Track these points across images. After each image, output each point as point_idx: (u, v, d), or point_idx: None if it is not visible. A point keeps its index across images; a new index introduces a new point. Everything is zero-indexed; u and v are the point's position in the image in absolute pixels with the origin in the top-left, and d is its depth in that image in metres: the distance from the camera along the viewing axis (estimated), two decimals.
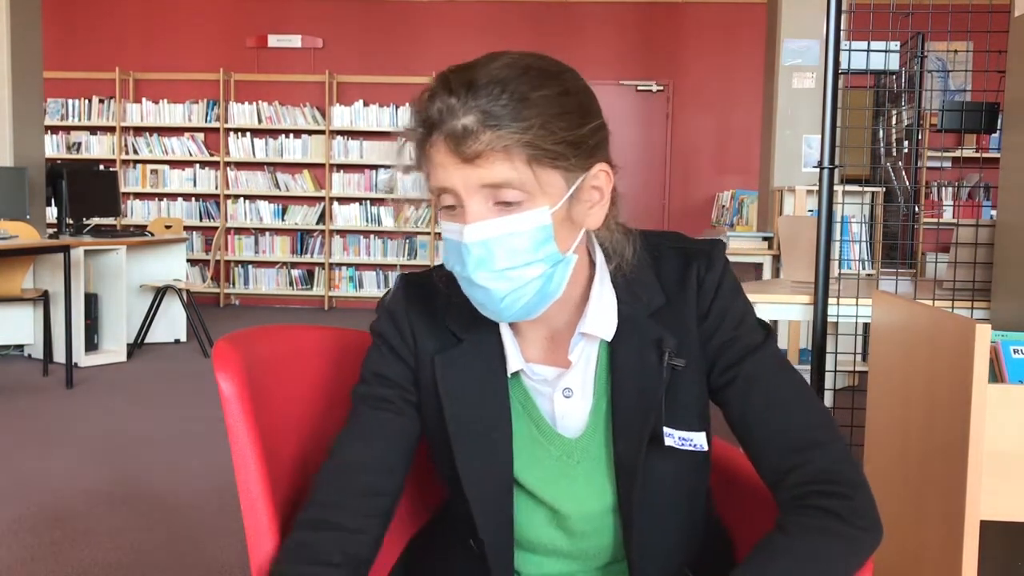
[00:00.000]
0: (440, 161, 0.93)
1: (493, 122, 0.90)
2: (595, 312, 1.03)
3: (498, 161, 0.90)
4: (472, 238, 0.93)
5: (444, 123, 0.91)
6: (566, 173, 0.94)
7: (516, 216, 0.93)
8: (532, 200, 0.93)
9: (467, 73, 0.93)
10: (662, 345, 1.02)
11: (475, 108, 0.90)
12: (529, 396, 1.06)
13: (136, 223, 8.55)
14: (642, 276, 1.04)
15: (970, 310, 2.47)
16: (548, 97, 0.92)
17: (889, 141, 5.32)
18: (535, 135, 0.90)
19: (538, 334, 1.07)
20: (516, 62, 0.94)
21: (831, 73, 2.49)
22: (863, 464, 2.15)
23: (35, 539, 2.82)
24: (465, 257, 0.94)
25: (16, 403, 4.68)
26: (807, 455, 0.99)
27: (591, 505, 1.05)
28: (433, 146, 0.93)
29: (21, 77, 5.89)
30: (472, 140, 0.90)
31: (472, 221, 0.93)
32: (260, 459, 1.08)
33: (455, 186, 0.93)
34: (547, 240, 0.95)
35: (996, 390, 1.52)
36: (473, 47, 7.97)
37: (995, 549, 1.91)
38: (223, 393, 1.07)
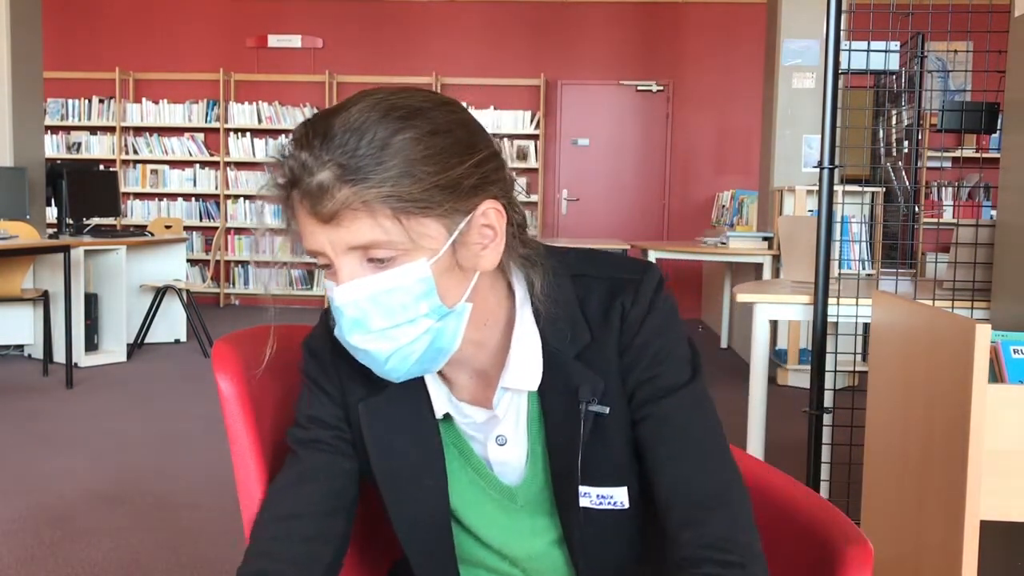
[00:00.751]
0: (302, 223, 0.86)
1: (350, 176, 0.81)
2: (517, 362, 0.95)
3: (360, 218, 0.82)
4: (343, 299, 0.86)
5: (300, 181, 0.84)
6: (443, 219, 0.85)
7: (391, 272, 0.85)
8: (407, 254, 0.85)
9: (325, 122, 0.84)
10: (579, 392, 0.94)
11: (330, 162, 0.82)
12: (464, 441, 1.02)
13: (136, 223, 8.55)
14: (568, 311, 0.96)
15: (970, 310, 2.47)
16: (413, 140, 0.83)
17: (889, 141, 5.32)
18: (397, 185, 0.82)
19: (465, 376, 1.01)
20: (379, 104, 0.84)
21: (831, 73, 2.49)
22: (863, 464, 2.15)
23: (35, 539, 2.82)
24: (340, 319, 0.88)
25: (16, 403, 4.68)
26: (709, 514, 0.92)
27: (537, 545, 1.04)
28: (293, 206, 0.86)
29: (21, 77, 5.89)
30: (328, 199, 0.82)
31: (344, 281, 0.86)
32: (260, 459, 1.08)
33: (322, 247, 0.86)
34: (428, 293, 0.87)
35: (996, 390, 1.52)
36: (473, 47, 7.99)
37: (995, 549, 1.91)
38: (223, 393, 1.07)
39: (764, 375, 2.78)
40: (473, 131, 0.89)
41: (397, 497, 1.01)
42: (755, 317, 2.71)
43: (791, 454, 2.89)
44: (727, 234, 5.81)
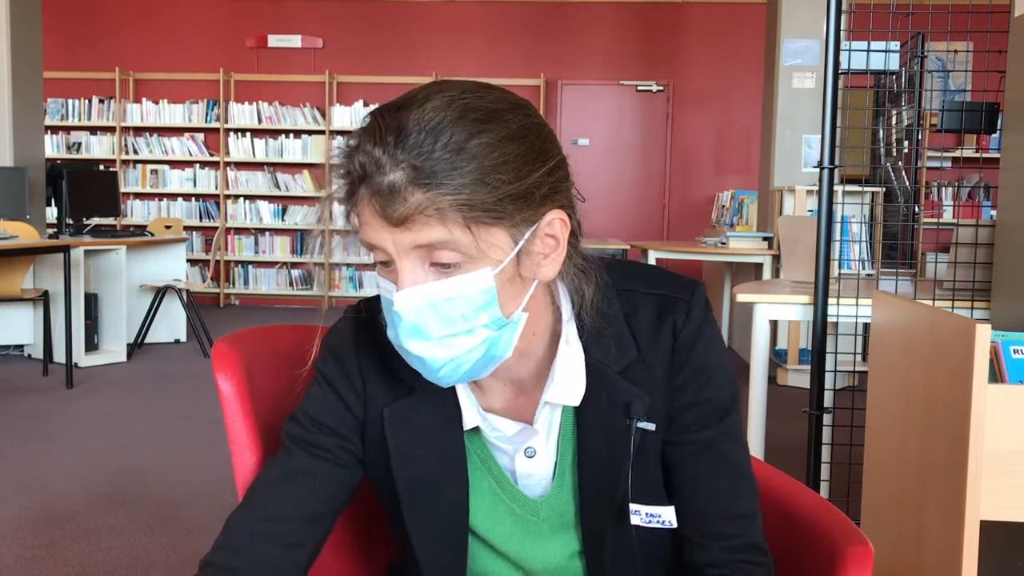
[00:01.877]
0: (368, 220, 0.83)
1: (424, 180, 0.78)
2: (561, 377, 0.93)
3: (430, 224, 0.80)
4: (404, 305, 0.84)
5: (370, 179, 0.81)
6: (512, 230, 0.83)
7: (454, 280, 0.83)
8: (472, 262, 0.83)
9: (397, 117, 0.81)
10: (631, 409, 0.93)
11: (404, 163, 0.79)
12: (489, 452, 0.99)
13: (136, 223, 8.56)
14: (613, 326, 0.95)
15: (970, 310, 2.47)
16: (488, 145, 0.80)
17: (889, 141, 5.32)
18: (472, 194, 0.79)
19: (500, 385, 0.99)
20: (453, 103, 0.81)
21: (831, 73, 2.49)
22: (863, 464, 2.15)
23: (35, 539, 2.82)
24: (397, 324, 0.85)
25: (16, 403, 4.68)
26: (740, 525, 0.98)
27: (556, 559, 1.02)
28: (360, 203, 0.83)
29: (21, 77, 5.89)
30: (400, 202, 0.79)
31: (405, 286, 0.83)
32: (259, 459, 1.08)
33: (387, 249, 0.83)
34: (490, 303, 0.85)
35: (996, 390, 1.52)
36: (473, 47, 7.99)
37: (995, 549, 1.91)
38: (223, 393, 1.07)
39: (764, 375, 2.78)
40: (545, 136, 0.87)
41: (415, 507, 0.98)
42: (755, 317, 2.71)
43: (791, 454, 2.89)
44: (727, 234, 5.81)
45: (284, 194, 8.85)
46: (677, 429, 0.97)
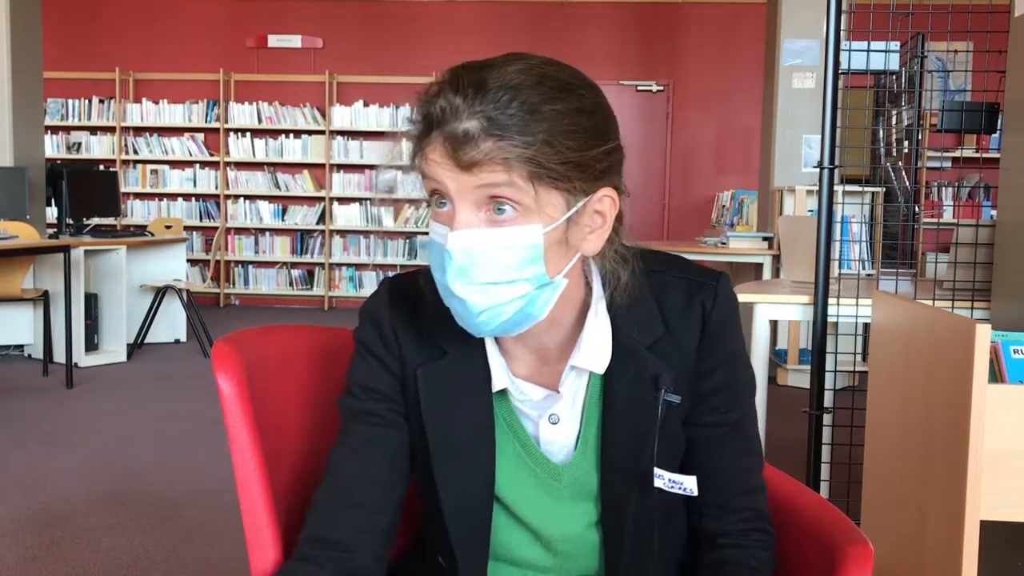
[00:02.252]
0: (436, 160, 0.87)
1: (497, 131, 0.84)
2: (588, 344, 0.98)
3: (496, 172, 0.85)
4: (456, 245, 0.88)
5: (445, 123, 0.86)
6: (567, 195, 0.89)
7: (506, 230, 0.88)
8: (526, 216, 0.88)
9: (479, 73, 0.87)
10: (659, 381, 0.98)
11: (480, 113, 0.84)
12: (515, 415, 1.03)
13: (136, 223, 8.56)
14: (642, 304, 1.00)
15: (970, 310, 2.47)
16: (560, 112, 0.86)
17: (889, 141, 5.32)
18: (539, 151, 0.85)
19: (526, 352, 1.03)
20: (533, 69, 0.87)
21: (831, 73, 2.48)
22: (863, 464, 2.15)
23: (35, 539, 2.82)
24: (446, 263, 0.89)
25: (16, 403, 4.68)
26: (752, 499, 1.06)
27: (575, 527, 1.04)
28: (431, 144, 0.88)
29: (21, 77, 5.89)
30: (472, 147, 0.84)
31: (460, 227, 0.88)
32: (260, 459, 1.08)
33: (448, 189, 0.88)
34: (535, 260, 0.89)
35: (996, 390, 1.52)
36: (473, 47, 7.97)
37: (995, 549, 1.91)
38: (223, 393, 1.07)
39: (764, 375, 2.78)
40: (610, 118, 0.93)
41: (445, 468, 1.01)
42: (755, 317, 2.71)
43: (791, 454, 2.89)
44: (727, 234, 5.81)
45: (284, 194, 8.85)
46: (705, 410, 1.03)
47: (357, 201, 8.80)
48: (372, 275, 8.83)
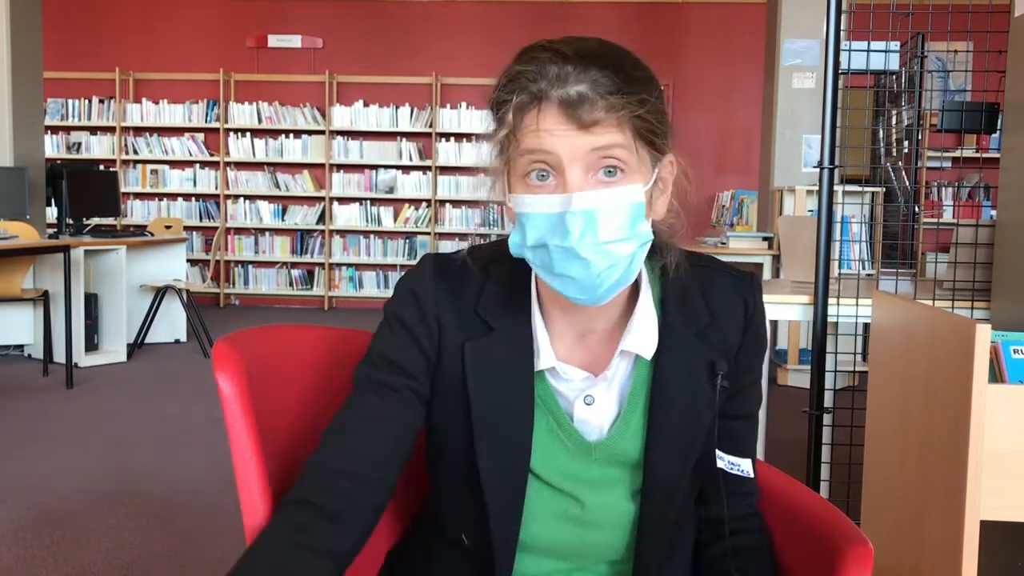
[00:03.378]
0: (547, 127, 0.90)
1: (608, 91, 0.89)
2: (639, 329, 1.01)
3: (610, 131, 0.90)
4: (580, 205, 0.90)
5: (557, 89, 0.89)
6: (654, 154, 0.95)
7: (619, 189, 0.92)
8: (630, 175, 0.92)
9: (573, 44, 0.92)
10: (715, 368, 1.02)
11: (588, 78, 0.89)
12: (551, 393, 1.04)
13: (136, 223, 8.56)
14: (689, 294, 1.04)
15: (970, 310, 2.47)
16: (646, 79, 0.94)
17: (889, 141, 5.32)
18: (647, 112, 0.91)
19: (571, 332, 1.04)
20: (610, 44, 0.94)
21: (831, 73, 2.48)
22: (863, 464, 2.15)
23: (35, 539, 2.82)
24: (569, 226, 0.90)
25: (16, 403, 4.68)
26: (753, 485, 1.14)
27: (608, 494, 1.05)
28: (542, 111, 0.90)
29: (21, 77, 5.89)
30: (589, 107, 0.89)
31: (575, 190, 0.90)
32: (260, 459, 1.08)
33: (559, 151, 0.90)
34: (641, 217, 0.94)
35: (996, 390, 1.52)
36: (473, 47, 7.95)
37: (995, 549, 1.91)
38: (223, 393, 1.07)
39: (764, 375, 2.78)
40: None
41: (486, 441, 1.01)
42: None
43: (791, 454, 2.89)
44: (727, 234, 5.81)
45: (284, 194, 8.85)
46: (737, 403, 1.08)
47: (357, 201, 8.80)
48: (372, 275, 8.83)
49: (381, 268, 8.82)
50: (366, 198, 8.77)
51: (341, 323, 6.91)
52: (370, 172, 8.76)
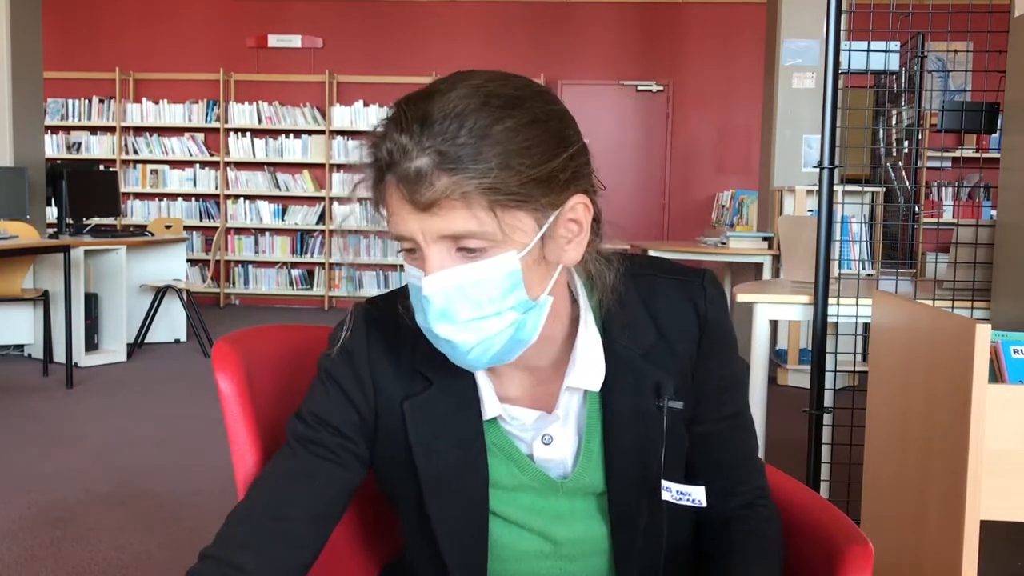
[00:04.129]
0: (395, 207, 0.85)
1: (450, 165, 0.80)
2: (582, 363, 0.96)
3: (456, 209, 0.81)
4: (432, 289, 0.85)
5: (396, 165, 0.82)
6: (536, 214, 0.85)
7: (481, 263, 0.85)
8: (497, 247, 0.84)
9: (422, 106, 0.83)
10: (661, 390, 0.97)
11: (429, 149, 0.81)
12: (507, 438, 1.00)
13: (136, 223, 8.56)
14: (632, 311, 0.98)
15: (970, 310, 2.47)
16: (512, 130, 0.82)
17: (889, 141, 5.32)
18: (496, 178, 0.81)
19: (517, 373, 1.00)
20: (477, 90, 0.84)
21: (831, 73, 2.48)
22: (863, 464, 2.15)
23: (35, 539, 2.82)
24: (426, 308, 0.86)
25: (16, 403, 4.68)
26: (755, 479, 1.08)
27: (579, 525, 1.02)
28: (387, 190, 0.85)
29: (21, 77, 5.89)
30: (426, 187, 0.81)
31: (433, 271, 0.85)
32: (259, 459, 1.08)
33: (412, 234, 0.85)
34: (516, 287, 0.86)
35: (996, 390, 1.52)
36: (473, 47, 7.96)
37: (995, 549, 1.91)
38: (223, 393, 1.08)
39: (764, 375, 2.78)
40: (567, 122, 0.89)
41: (437, 497, 0.98)
42: (755, 317, 2.71)
43: (791, 454, 2.89)
44: (727, 234, 5.81)
45: (284, 194, 8.85)
46: (709, 408, 1.02)
47: (357, 201, 8.78)
48: (372, 275, 8.83)
49: (381, 268, 8.82)
50: (366, 198, 8.74)
51: None
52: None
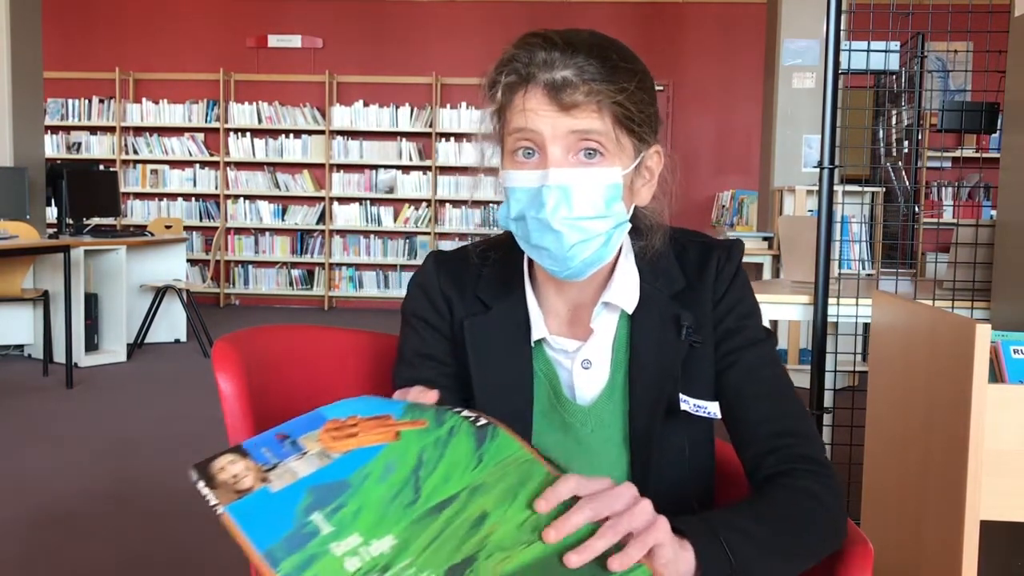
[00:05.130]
0: (532, 107, 0.97)
1: (590, 78, 0.95)
2: (619, 284, 1.07)
3: (591, 114, 0.96)
4: (556, 180, 0.97)
5: (544, 73, 0.96)
6: (637, 143, 1.00)
7: (595, 169, 0.98)
8: (608, 158, 0.98)
9: (563, 34, 0.99)
10: (680, 320, 1.07)
11: (573, 64, 0.95)
12: (551, 364, 1.10)
13: (136, 223, 8.56)
14: (665, 261, 1.10)
15: (970, 310, 2.47)
16: (633, 71, 0.98)
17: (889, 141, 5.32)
18: (628, 98, 0.97)
19: (562, 307, 1.10)
20: (604, 36, 1.01)
21: (831, 73, 2.48)
22: (863, 464, 2.15)
23: (35, 539, 2.82)
24: (545, 199, 0.97)
25: (16, 403, 4.68)
26: (791, 440, 1.04)
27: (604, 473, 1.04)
28: (528, 92, 0.97)
29: (21, 77, 5.89)
30: (571, 91, 0.95)
31: (553, 166, 0.97)
32: None
33: (542, 130, 0.96)
34: (616, 199, 1.00)
35: (996, 390, 1.52)
36: (473, 47, 7.95)
37: (995, 549, 1.91)
38: (223, 393, 1.08)
39: None
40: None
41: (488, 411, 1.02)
42: None
43: None
44: (727, 234, 5.81)
45: (284, 194, 8.85)
46: (722, 353, 1.08)
47: (357, 201, 8.80)
48: (372, 275, 8.83)
49: (381, 268, 8.82)
50: (366, 198, 8.77)
51: (341, 323, 6.91)
52: (370, 172, 8.77)
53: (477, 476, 0.81)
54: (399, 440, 0.82)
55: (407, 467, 0.80)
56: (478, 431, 0.84)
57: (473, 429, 0.84)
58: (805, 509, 0.98)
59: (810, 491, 0.99)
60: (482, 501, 0.79)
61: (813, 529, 0.98)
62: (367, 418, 0.84)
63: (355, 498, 0.78)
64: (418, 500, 0.78)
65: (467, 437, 0.84)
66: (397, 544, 0.76)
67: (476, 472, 0.81)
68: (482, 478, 0.81)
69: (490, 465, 0.82)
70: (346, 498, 0.77)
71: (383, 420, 0.84)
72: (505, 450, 0.84)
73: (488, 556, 0.76)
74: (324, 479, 0.79)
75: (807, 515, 0.98)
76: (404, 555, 0.75)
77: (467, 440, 0.83)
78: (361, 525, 0.76)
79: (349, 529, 0.76)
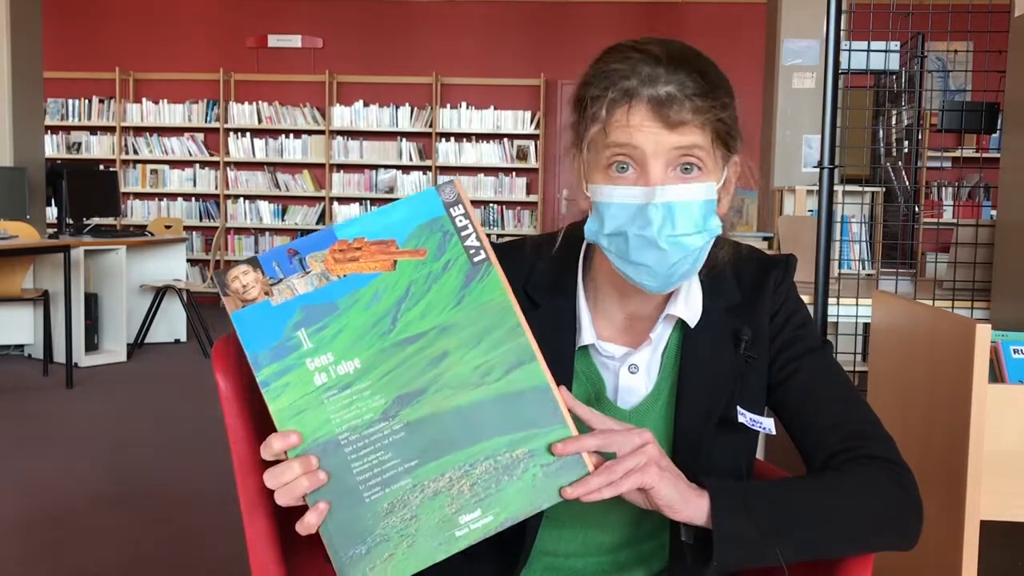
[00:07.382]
0: (636, 123, 0.95)
1: (699, 93, 0.95)
2: (684, 297, 1.07)
3: (693, 131, 0.95)
4: (663, 199, 0.96)
5: (648, 88, 0.94)
6: (725, 156, 1.01)
7: (695, 185, 0.97)
8: (705, 173, 0.98)
9: (663, 45, 0.97)
10: (739, 335, 1.07)
11: (676, 80, 0.94)
12: (594, 366, 1.09)
13: (136, 223, 8.55)
14: (722, 276, 1.10)
15: (970, 310, 2.47)
16: (726, 86, 0.99)
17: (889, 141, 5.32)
18: (725, 115, 0.97)
19: (618, 314, 1.10)
20: (693, 48, 0.99)
21: (831, 73, 2.48)
22: None
23: (35, 539, 2.82)
24: (651, 216, 0.96)
25: (16, 403, 4.68)
26: (862, 442, 1.04)
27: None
28: (632, 108, 0.95)
29: (21, 77, 5.89)
30: (677, 107, 0.94)
31: (656, 183, 0.96)
32: (260, 459, 1.08)
33: (645, 147, 0.95)
34: (712, 213, 0.99)
35: (996, 390, 1.52)
36: (473, 47, 7.94)
37: (995, 549, 1.91)
38: (223, 392, 1.07)
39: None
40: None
41: None
42: None
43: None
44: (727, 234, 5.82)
45: (284, 194, 8.85)
46: (781, 365, 1.09)
47: (357, 201, 8.80)
48: None
49: None
50: (366, 198, 8.77)
51: None
52: (370, 172, 8.77)
53: (451, 316, 0.90)
54: (394, 270, 0.90)
55: (393, 298, 0.89)
56: (472, 268, 0.90)
57: (468, 265, 0.90)
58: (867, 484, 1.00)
59: (875, 477, 1.01)
60: (447, 341, 0.89)
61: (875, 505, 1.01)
62: (372, 242, 0.90)
63: (338, 321, 0.88)
64: (392, 331, 0.89)
65: (458, 274, 0.90)
66: (361, 368, 0.88)
67: (452, 312, 0.90)
68: (456, 319, 0.90)
69: (468, 308, 0.90)
70: (331, 320, 0.88)
71: (387, 245, 0.90)
72: (488, 293, 0.90)
73: (436, 391, 0.88)
74: (317, 300, 0.89)
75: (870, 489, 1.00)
76: (365, 378, 0.87)
77: (456, 277, 0.90)
78: (337, 346, 0.88)
79: (325, 348, 0.88)
